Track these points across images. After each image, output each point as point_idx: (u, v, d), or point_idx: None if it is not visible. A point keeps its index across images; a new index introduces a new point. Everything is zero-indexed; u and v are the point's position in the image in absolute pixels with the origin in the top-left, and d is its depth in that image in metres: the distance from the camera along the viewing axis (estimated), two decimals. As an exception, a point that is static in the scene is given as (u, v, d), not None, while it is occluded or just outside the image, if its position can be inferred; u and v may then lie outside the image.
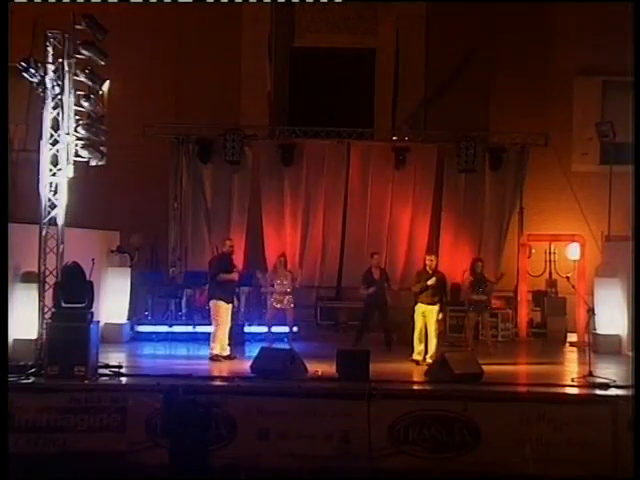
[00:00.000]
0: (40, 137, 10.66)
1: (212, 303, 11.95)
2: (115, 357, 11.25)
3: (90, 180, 13.26)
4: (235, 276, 12.01)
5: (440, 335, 12.06)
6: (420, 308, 11.90)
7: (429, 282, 11.85)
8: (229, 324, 11.98)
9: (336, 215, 16.26)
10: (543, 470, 9.12)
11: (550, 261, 15.87)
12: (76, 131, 10.77)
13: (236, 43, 17.42)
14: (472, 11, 16.77)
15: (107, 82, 11.35)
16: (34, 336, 10.36)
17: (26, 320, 10.58)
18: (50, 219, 10.59)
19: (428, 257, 12.27)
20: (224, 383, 10.16)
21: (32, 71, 10.38)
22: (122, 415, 9.25)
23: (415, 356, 11.86)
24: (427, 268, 12.08)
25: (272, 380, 9.85)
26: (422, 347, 11.84)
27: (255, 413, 9.25)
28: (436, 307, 11.89)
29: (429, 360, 11.53)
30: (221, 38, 17.28)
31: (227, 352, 11.88)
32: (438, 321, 11.93)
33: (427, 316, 11.86)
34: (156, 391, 9.27)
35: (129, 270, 14.12)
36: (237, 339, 12.70)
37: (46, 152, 10.56)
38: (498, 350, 13.25)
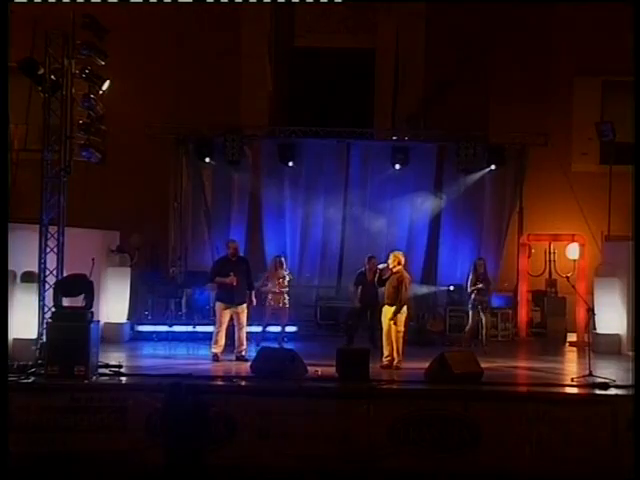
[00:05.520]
0: (41, 137, 10.66)
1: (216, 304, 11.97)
2: (115, 357, 11.24)
3: (90, 180, 13.31)
4: (229, 280, 11.53)
5: (401, 338, 11.17)
6: (384, 309, 11.30)
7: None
8: (227, 324, 11.80)
9: (336, 215, 16.26)
10: (543, 470, 9.13)
11: (550, 261, 15.87)
12: (76, 131, 10.77)
13: (236, 43, 17.41)
14: (472, 11, 16.77)
15: (107, 82, 11.36)
16: (34, 336, 10.36)
17: (26, 320, 10.58)
18: (50, 219, 10.59)
19: (392, 254, 11.41)
20: (224, 383, 10.14)
21: (32, 71, 10.38)
22: (122, 415, 9.25)
23: (384, 360, 11.17)
24: (389, 266, 11.30)
25: (272, 380, 9.84)
26: (388, 352, 11.17)
27: (255, 413, 9.25)
28: (391, 308, 11.13)
29: (397, 365, 11.03)
30: (221, 38, 17.28)
31: (242, 352, 11.67)
32: (397, 323, 11.08)
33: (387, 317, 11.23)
34: (156, 391, 9.28)
35: (129, 270, 14.12)
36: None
37: (46, 152, 10.56)
38: (490, 349, 12.84)
